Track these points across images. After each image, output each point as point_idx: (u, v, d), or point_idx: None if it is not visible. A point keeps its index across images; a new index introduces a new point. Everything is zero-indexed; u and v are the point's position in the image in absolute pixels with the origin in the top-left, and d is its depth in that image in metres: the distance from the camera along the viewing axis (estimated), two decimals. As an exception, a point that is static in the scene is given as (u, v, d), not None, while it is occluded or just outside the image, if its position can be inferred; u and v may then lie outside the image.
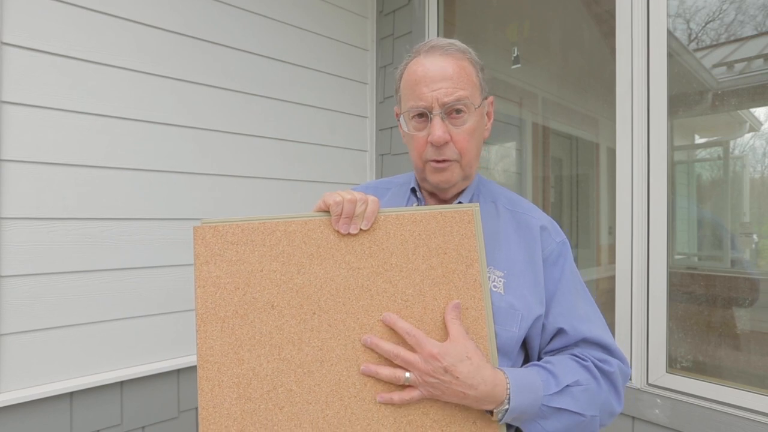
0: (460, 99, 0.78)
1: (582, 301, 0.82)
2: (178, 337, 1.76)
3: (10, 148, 1.42)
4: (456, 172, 0.82)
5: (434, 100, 0.78)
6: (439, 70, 0.79)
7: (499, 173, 2.31)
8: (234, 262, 0.69)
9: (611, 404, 0.76)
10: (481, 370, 0.67)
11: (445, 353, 0.66)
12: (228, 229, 0.69)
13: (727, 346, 1.42)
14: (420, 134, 0.82)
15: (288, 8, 2.08)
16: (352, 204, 0.70)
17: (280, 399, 0.67)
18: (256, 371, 0.67)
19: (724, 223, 1.49)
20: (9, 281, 1.42)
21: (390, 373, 0.68)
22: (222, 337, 0.67)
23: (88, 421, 1.56)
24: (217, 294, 0.68)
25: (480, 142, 0.85)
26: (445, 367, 0.66)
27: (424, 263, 0.72)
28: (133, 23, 1.66)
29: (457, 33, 2.27)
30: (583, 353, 0.78)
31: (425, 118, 0.81)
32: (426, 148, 0.81)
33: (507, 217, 0.86)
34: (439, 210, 0.74)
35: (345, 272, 0.71)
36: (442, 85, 0.78)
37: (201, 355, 0.67)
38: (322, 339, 0.69)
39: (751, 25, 1.40)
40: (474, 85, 0.81)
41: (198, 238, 0.69)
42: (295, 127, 2.11)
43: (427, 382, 0.67)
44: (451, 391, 0.66)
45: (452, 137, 0.80)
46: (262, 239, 0.70)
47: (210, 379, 0.66)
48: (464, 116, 0.80)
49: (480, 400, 0.67)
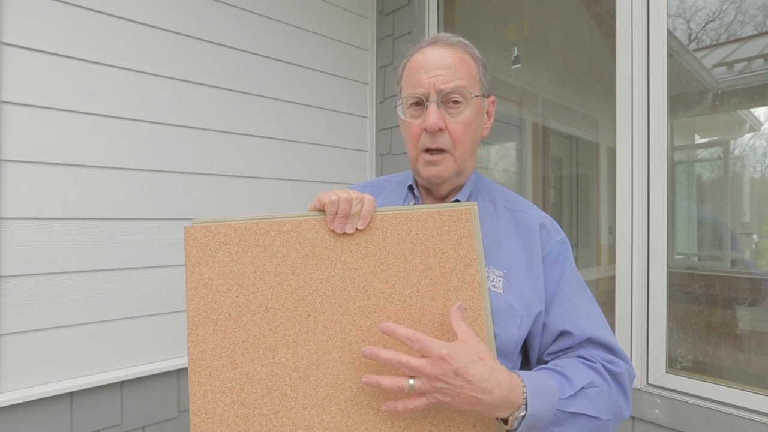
0: (457, 88, 0.77)
1: (584, 300, 0.81)
2: (178, 337, 1.76)
3: (10, 148, 1.42)
4: (449, 165, 0.81)
5: (431, 86, 0.77)
6: (438, 58, 0.79)
7: (499, 173, 2.31)
8: (226, 263, 0.67)
9: (621, 407, 0.73)
10: (496, 373, 0.62)
11: (455, 354, 0.60)
12: (220, 229, 0.67)
13: (727, 346, 1.42)
14: (416, 121, 0.80)
15: (288, 8, 2.08)
16: (348, 203, 0.68)
17: (274, 404, 0.65)
18: (250, 375, 0.65)
19: (725, 222, 1.48)
20: (9, 281, 1.42)
21: (392, 383, 0.62)
22: (214, 340, 0.65)
23: (88, 421, 1.56)
24: (209, 296, 0.66)
25: (476, 138, 0.84)
26: (455, 369, 0.60)
27: (421, 263, 0.71)
28: (133, 23, 1.65)
29: (457, 33, 2.26)
30: (590, 354, 0.75)
31: (422, 105, 0.80)
32: (421, 135, 0.80)
33: (506, 215, 0.85)
34: (436, 209, 0.73)
35: (341, 273, 0.69)
36: (440, 72, 0.77)
37: (192, 359, 0.65)
38: (318, 342, 0.67)
39: (751, 25, 1.40)
40: (473, 78, 0.81)
41: (189, 238, 0.67)
42: (295, 127, 2.11)
43: (435, 388, 0.61)
44: (463, 397, 0.60)
45: (447, 126, 0.78)
46: (255, 239, 0.68)
47: (202, 383, 0.64)
48: (461, 107, 0.79)
49: (495, 406, 0.62)
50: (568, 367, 0.72)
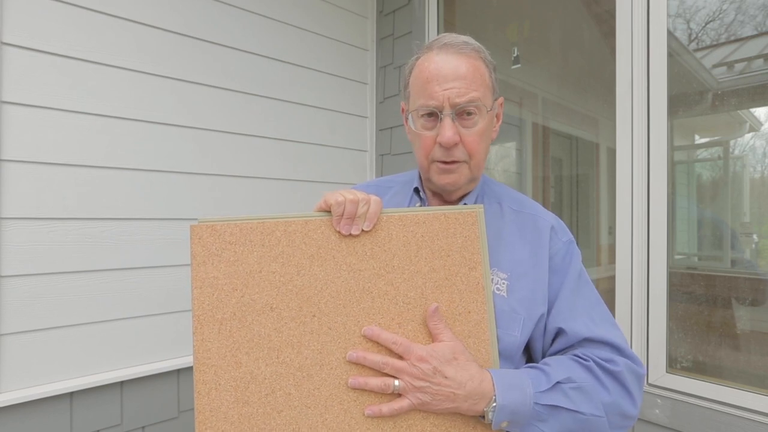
0: (472, 101, 0.76)
1: (584, 299, 0.80)
2: (178, 337, 1.76)
3: (10, 148, 1.42)
4: (464, 173, 0.80)
5: (446, 99, 0.76)
6: (452, 69, 0.76)
7: (499, 173, 2.31)
8: (232, 263, 0.67)
9: (620, 405, 0.72)
10: (468, 368, 0.67)
11: (433, 355, 0.66)
12: (226, 228, 0.68)
13: (727, 346, 1.42)
14: (428, 133, 0.79)
15: (288, 8, 2.08)
16: (354, 204, 0.68)
17: (278, 403, 0.66)
18: (254, 374, 0.66)
19: (725, 222, 1.48)
20: (9, 281, 1.42)
21: (379, 383, 0.67)
22: (219, 339, 0.66)
23: (88, 421, 1.56)
24: (214, 295, 0.66)
25: (489, 144, 0.83)
26: (434, 367, 0.66)
27: (426, 265, 0.71)
28: (133, 23, 1.65)
29: (457, 33, 2.27)
30: (585, 353, 0.75)
31: (435, 117, 0.78)
32: (433, 148, 0.79)
33: (512, 217, 0.85)
34: (442, 211, 0.73)
35: (346, 274, 0.69)
36: (454, 84, 0.75)
37: (198, 357, 0.65)
38: (322, 342, 0.68)
39: (751, 25, 1.40)
40: (486, 86, 0.79)
41: (195, 237, 0.67)
42: (295, 127, 2.11)
43: (416, 387, 0.66)
44: (442, 394, 0.66)
45: (462, 139, 0.77)
46: (261, 239, 0.68)
47: (207, 382, 0.65)
48: (475, 118, 0.78)
49: (469, 398, 0.66)
50: (553, 364, 0.73)
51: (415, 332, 0.70)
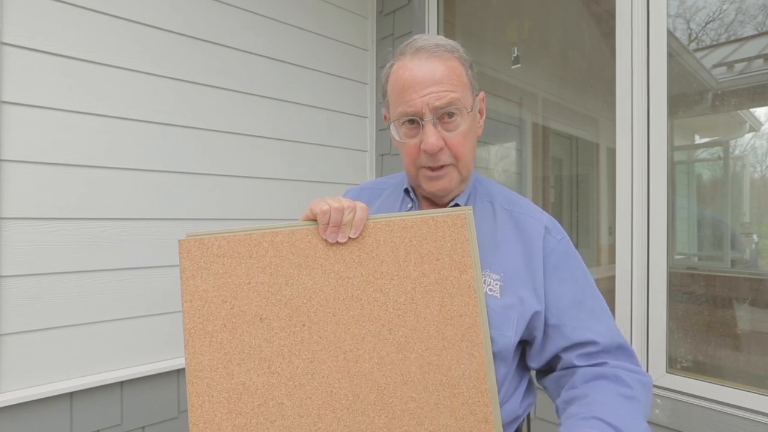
0: (452, 102, 0.74)
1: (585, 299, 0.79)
2: (178, 336, 1.76)
3: (10, 148, 1.42)
4: (453, 176, 0.80)
5: (424, 105, 0.74)
6: (427, 73, 0.74)
7: (499, 173, 2.31)
8: (221, 275, 0.67)
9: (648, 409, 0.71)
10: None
11: None
12: (213, 241, 0.68)
13: (727, 347, 1.42)
14: (412, 141, 0.78)
15: (288, 8, 2.08)
16: (339, 212, 0.68)
17: (271, 413, 0.66)
18: (246, 385, 0.66)
19: (725, 222, 1.48)
20: (9, 281, 1.42)
21: None
22: (211, 351, 0.66)
23: (88, 421, 1.56)
24: (204, 308, 0.67)
25: (474, 143, 0.82)
26: None
27: (416, 270, 0.71)
28: (134, 23, 1.65)
29: (457, 33, 2.27)
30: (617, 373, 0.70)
31: (416, 124, 0.77)
32: (419, 155, 0.78)
33: (504, 217, 0.84)
34: (430, 215, 0.72)
35: (334, 282, 0.69)
36: (431, 89, 0.74)
37: (190, 370, 0.66)
38: (313, 351, 0.68)
39: (751, 25, 1.40)
40: (464, 85, 0.78)
41: (183, 251, 0.67)
42: (295, 127, 2.11)
43: None
44: None
45: (446, 142, 0.76)
46: (248, 251, 0.68)
47: (200, 394, 0.65)
48: (457, 119, 0.76)
49: None
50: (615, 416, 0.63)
51: (406, 338, 0.70)
